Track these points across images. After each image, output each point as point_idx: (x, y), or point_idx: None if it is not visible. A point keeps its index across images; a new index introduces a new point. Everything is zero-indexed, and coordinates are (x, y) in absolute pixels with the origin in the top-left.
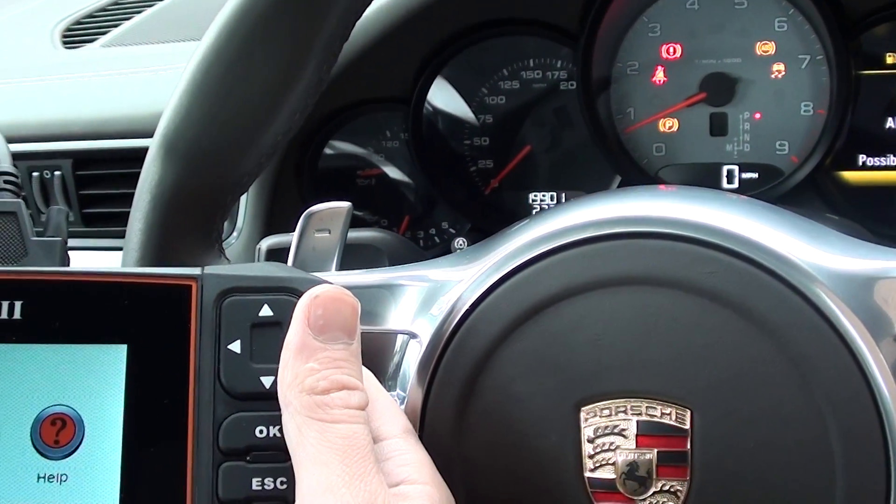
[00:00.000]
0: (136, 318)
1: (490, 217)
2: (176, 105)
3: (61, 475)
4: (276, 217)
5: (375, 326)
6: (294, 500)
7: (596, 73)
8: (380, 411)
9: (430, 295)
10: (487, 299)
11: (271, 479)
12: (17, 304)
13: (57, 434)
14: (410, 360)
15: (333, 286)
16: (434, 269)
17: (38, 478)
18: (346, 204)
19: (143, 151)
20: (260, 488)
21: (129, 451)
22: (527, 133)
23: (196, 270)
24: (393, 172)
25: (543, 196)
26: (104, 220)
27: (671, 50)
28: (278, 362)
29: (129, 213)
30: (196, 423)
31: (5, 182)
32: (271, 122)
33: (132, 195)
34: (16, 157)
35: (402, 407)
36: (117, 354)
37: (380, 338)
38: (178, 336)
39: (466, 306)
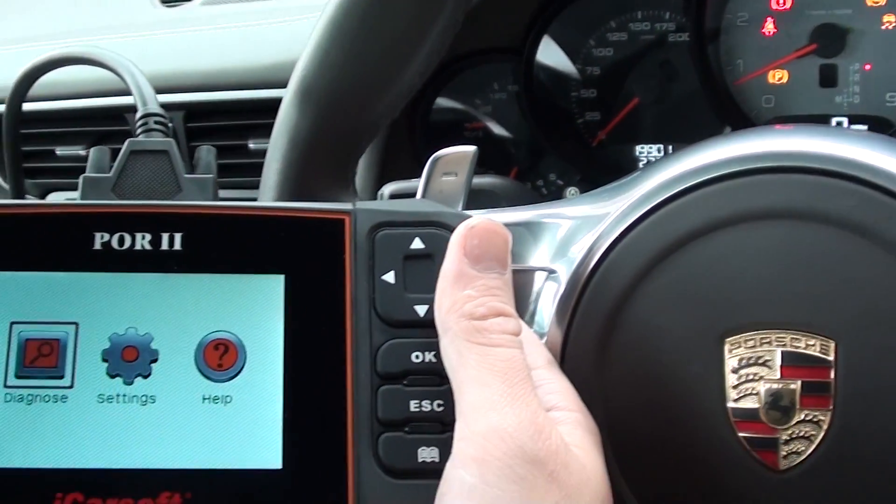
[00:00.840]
0: (293, 250)
1: (598, 169)
2: (314, 49)
3: (225, 397)
4: (388, 170)
5: (517, 264)
6: (451, 422)
7: (707, 24)
8: (525, 342)
9: (572, 232)
10: (631, 233)
11: (429, 402)
12: (178, 236)
13: (220, 358)
14: (550, 296)
15: (487, 219)
16: (575, 206)
17: (204, 399)
18: (472, 148)
19: (257, 103)
20: (418, 409)
21: (290, 374)
22: (634, 85)
23: (348, 205)
24: (500, 125)
25: (650, 149)
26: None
27: (781, 1)
28: (431, 292)
29: (240, 164)
30: (354, 349)
31: (155, 122)
32: (410, 62)
33: (244, 147)
34: (125, 110)
35: (545, 340)
36: (275, 284)
37: (520, 275)
38: (334, 267)
39: (609, 241)
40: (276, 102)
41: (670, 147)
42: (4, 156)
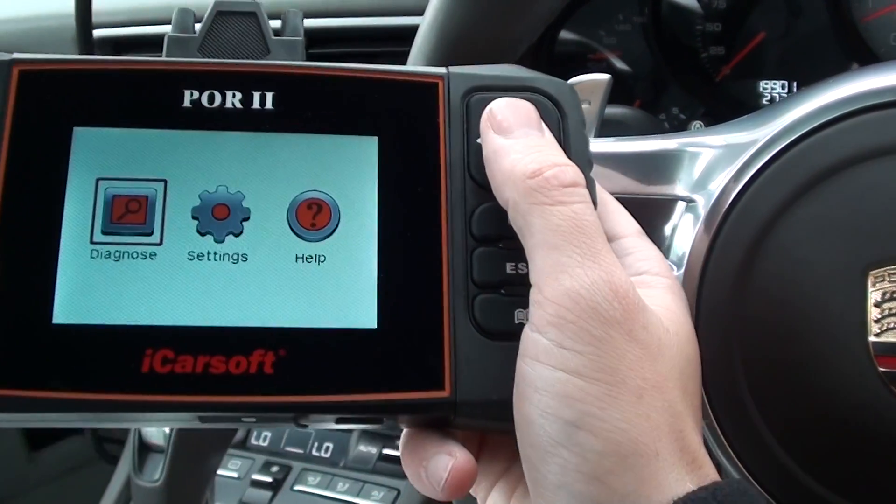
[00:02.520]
0: (386, 112)
1: (722, 103)
2: None
3: (319, 256)
4: None
5: (658, 192)
6: None
7: None
8: (612, 212)
9: (714, 161)
10: (778, 161)
11: (524, 265)
12: (269, 95)
13: (313, 217)
14: (689, 226)
15: (505, 98)
16: (717, 135)
17: (297, 258)
18: (606, 76)
19: (382, 30)
20: (514, 272)
21: (384, 235)
22: (759, 20)
23: (442, 70)
24: (624, 57)
25: (774, 84)
26: None
27: None
28: None
29: None
30: (449, 211)
31: None
32: None
33: None
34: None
35: (682, 269)
36: (369, 145)
37: (659, 205)
38: (428, 130)
39: (755, 169)
40: (403, 30)
41: (794, 84)
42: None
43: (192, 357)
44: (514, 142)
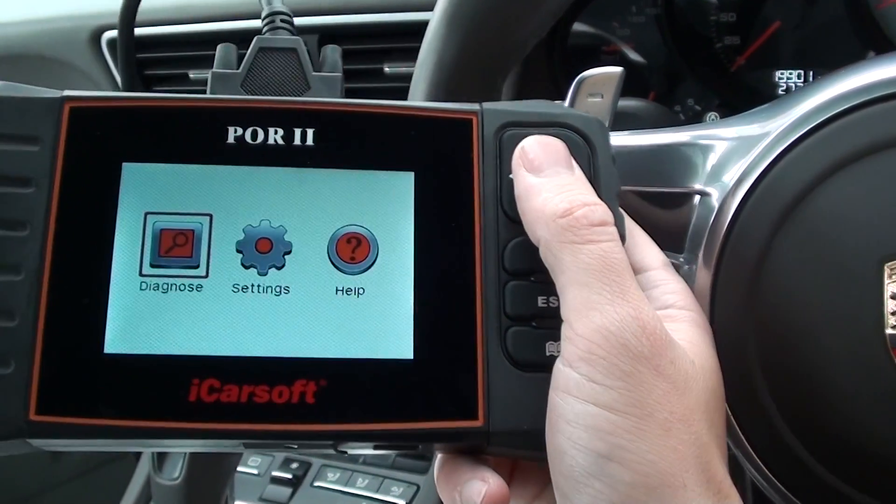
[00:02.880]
0: (422, 148)
1: (738, 94)
2: None
3: (358, 289)
4: (525, 96)
5: (672, 186)
6: None
7: None
8: (640, 245)
9: (728, 153)
10: (792, 152)
11: (555, 298)
12: (310, 132)
13: (353, 251)
14: (704, 219)
15: (535, 136)
16: (731, 127)
17: (337, 291)
18: (619, 69)
19: (394, 26)
20: (545, 305)
21: (420, 268)
22: (774, 9)
23: (475, 106)
24: (638, 49)
25: (790, 74)
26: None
27: None
28: None
29: (375, 88)
30: (483, 245)
31: (281, 21)
32: None
33: (379, 70)
34: (258, 32)
35: (697, 265)
36: (405, 181)
37: (674, 199)
38: (462, 165)
39: (769, 160)
40: (415, 25)
41: (811, 73)
42: (119, 64)
43: (237, 386)
44: (545, 181)
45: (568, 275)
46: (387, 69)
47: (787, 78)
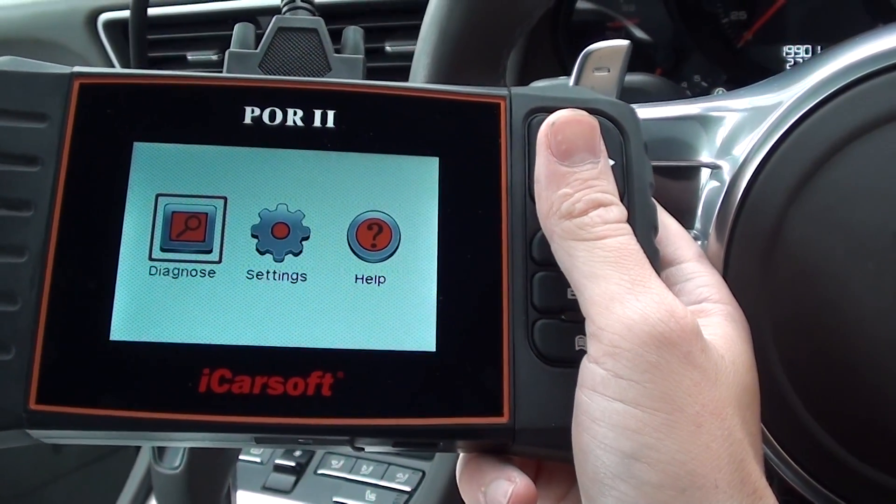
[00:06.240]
0: (447, 133)
1: (745, 69)
2: None
3: (379, 277)
4: (530, 72)
5: (680, 161)
6: None
7: None
8: (672, 237)
9: (739, 125)
10: (806, 122)
11: None
12: (331, 113)
13: (374, 238)
14: (715, 193)
15: (570, 110)
16: (743, 98)
17: (357, 279)
18: (625, 42)
19: (396, 4)
20: (574, 298)
21: (444, 257)
22: None
23: (503, 90)
24: (643, 25)
25: (797, 49)
26: None
27: None
28: None
29: (377, 67)
30: (510, 234)
31: (302, 1)
32: None
33: (381, 49)
34: (258, 12)
35: (708, 240)
36: (430, 166)
37: (686, 172)
38: (489, 151)
39: (782, 131)
40: (415, 3)
41: (818, 47)
42: (131, 53)
43: (249, 377)
44: (568, 170)
45: (583, 269)
46: (388, 48)
47: (795, 53)
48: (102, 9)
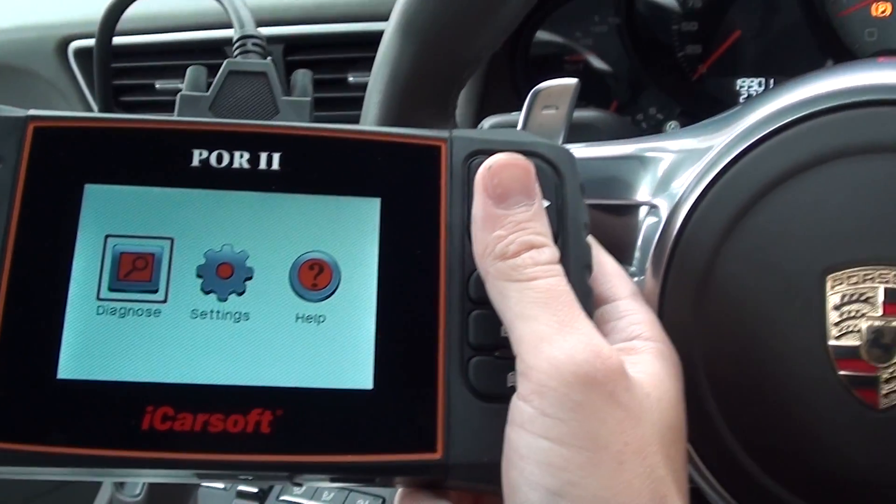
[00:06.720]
0: (390, 174)
1: (699, 103)
2: None
3: (319, 316)
4: (488, 104)
5: (618, 200)
6: None
7: None
8: (608, 275)
9: (675, 166)
10: (735, 167)
11: None
12: (276, 156)
13: (315, 278)
14: (651, 231)
15: (506, 154)
16: (678, 139)
17: (297, 318)
18: (573, 81)
19: (358, 36)
20: (507, 336)
21: (383, 296)
22: (735, 18)
23: (445, 133)
24: (600, 58)
25: (751, 82)
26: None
27: None
28: None
29: (339, 97)
30: (447, 273)
31: (253, 45)
32: None
33: (343, 80)
34: (224, 43)
35: (645, 276)
36: (371, 207)
37: (623, 210)
38: (429, 193)
39: (713, 175)
40: (378, 35)
41: (772, 80)
42: (96, 87)
43: (191, 415)
44: (503, 213)
45: (514, 309)
46: (350, 79)
47: (749, 86)
48: (73, 37)
